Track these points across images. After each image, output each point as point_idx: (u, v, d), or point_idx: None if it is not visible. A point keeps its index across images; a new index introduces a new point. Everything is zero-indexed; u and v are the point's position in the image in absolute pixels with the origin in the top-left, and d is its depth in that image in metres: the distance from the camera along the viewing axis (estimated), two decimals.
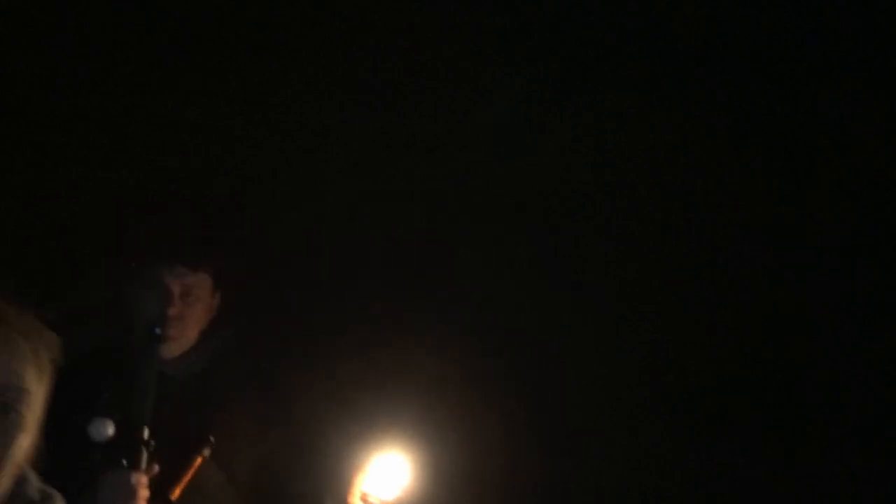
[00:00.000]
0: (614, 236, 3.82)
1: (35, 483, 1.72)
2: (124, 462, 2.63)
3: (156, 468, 2.67)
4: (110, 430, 2.67)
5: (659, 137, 3.76)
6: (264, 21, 3.71)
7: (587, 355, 3.75)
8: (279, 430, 3.07)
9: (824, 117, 3.71)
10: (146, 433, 2.68)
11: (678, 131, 3.77)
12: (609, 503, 3.77)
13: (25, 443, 1.66)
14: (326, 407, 3.16)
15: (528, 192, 3.81)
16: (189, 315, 2.98)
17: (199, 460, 2.80)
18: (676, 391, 3.76)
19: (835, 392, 3.77)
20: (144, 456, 2.66)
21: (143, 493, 2.62)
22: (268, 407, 3.07)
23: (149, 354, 2.83)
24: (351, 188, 3.76)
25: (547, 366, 3.73)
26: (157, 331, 2.83)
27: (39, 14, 3.58)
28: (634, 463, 3.72)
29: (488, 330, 3.72)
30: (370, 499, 2.87)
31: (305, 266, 3.72)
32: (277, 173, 3.75)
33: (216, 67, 3.70)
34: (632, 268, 3.81)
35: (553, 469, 3.68)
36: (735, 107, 3.74)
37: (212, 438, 2.83)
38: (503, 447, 3.58)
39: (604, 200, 3.81)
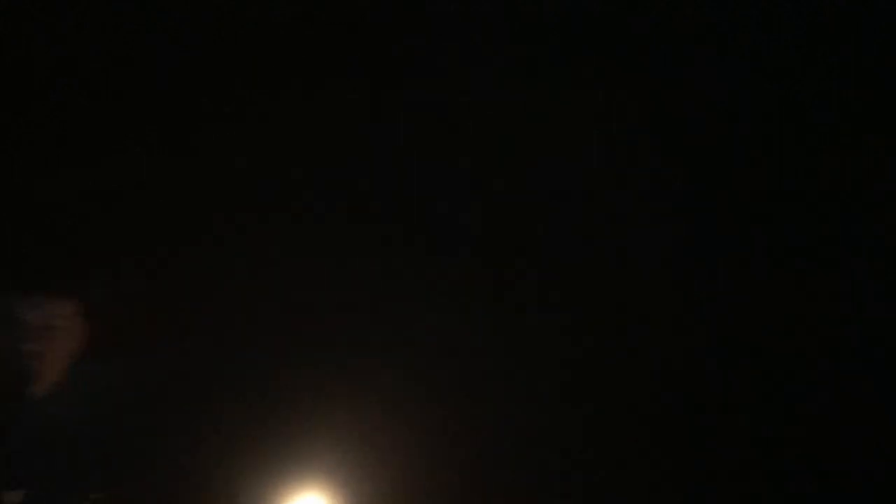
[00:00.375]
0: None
1: None
2: None
3: None
4: None
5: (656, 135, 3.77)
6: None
7: (526, 392, 3.66)
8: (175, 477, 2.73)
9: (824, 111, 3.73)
10: (17, 497, 2.37)
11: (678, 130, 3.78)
12: None
13: None
14: (229, 449, 2.93)
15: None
16: (51, 350, 2.62)
17: None
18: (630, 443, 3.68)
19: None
20: None
21: None
22: (155, 453, 2.72)
23: (10, 402, 2.46)
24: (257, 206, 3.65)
25: (482, 404, 3.61)
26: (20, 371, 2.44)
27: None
28: None
29: (416, 366, 3.59)
30: None
31: (201, 290, 3.45)
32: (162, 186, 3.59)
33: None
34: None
35: None
36: (732, 103, 3.75)
37: (91, 496, 2.51)
38: (430, 489, 3.50)
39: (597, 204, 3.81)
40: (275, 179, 3.70)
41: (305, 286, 3.60)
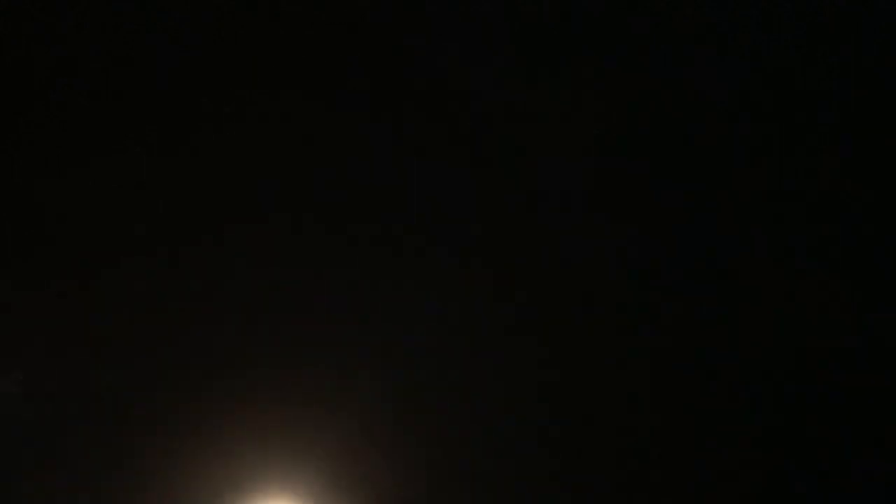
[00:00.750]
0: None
1: None
2: None
3: None
4: None
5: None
6: None
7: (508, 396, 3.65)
8: None
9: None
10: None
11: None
12: None
13: None
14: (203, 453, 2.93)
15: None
16: None
17: None
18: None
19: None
20: None
21: None
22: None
23: None
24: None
25: (461, 408, 3.61)
26: None
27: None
28: None
29: (394, 370, 3.59)
30: None
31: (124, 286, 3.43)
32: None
33: None
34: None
35: None
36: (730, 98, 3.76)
37: None
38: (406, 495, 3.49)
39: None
40: (274, 179, 3.71)
41: (283, 288, 3.61)
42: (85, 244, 3.50)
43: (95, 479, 2.96)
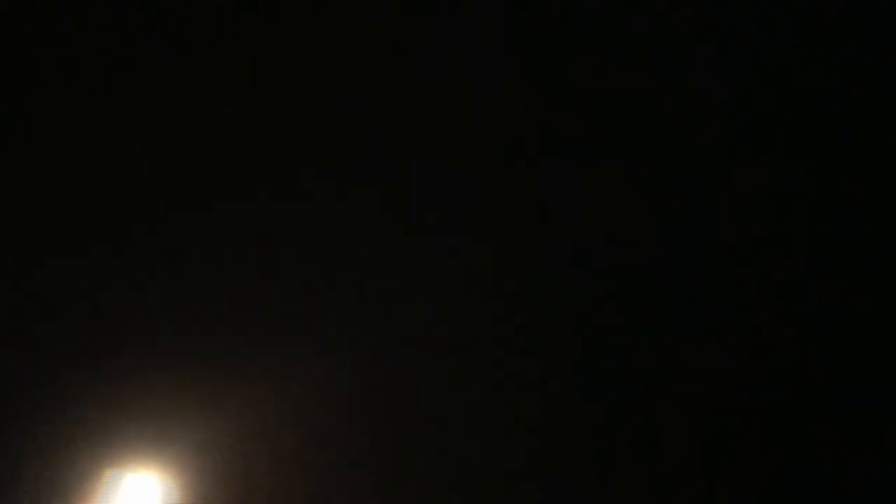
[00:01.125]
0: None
1: None
2: None
3: None
4: None
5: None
6: None
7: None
8: None
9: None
10: None
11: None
12: None
13: None
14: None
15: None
16: None
17: None
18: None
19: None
20: None
21: None
22: None
23: None
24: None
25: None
26: None
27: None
28: None
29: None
30: None
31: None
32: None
33: None
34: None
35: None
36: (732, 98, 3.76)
37: None
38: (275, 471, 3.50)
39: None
40: (274, 179, 3.71)
41: (280, 287, 3.63)
42: (82, 243, 3.51)
43: None
